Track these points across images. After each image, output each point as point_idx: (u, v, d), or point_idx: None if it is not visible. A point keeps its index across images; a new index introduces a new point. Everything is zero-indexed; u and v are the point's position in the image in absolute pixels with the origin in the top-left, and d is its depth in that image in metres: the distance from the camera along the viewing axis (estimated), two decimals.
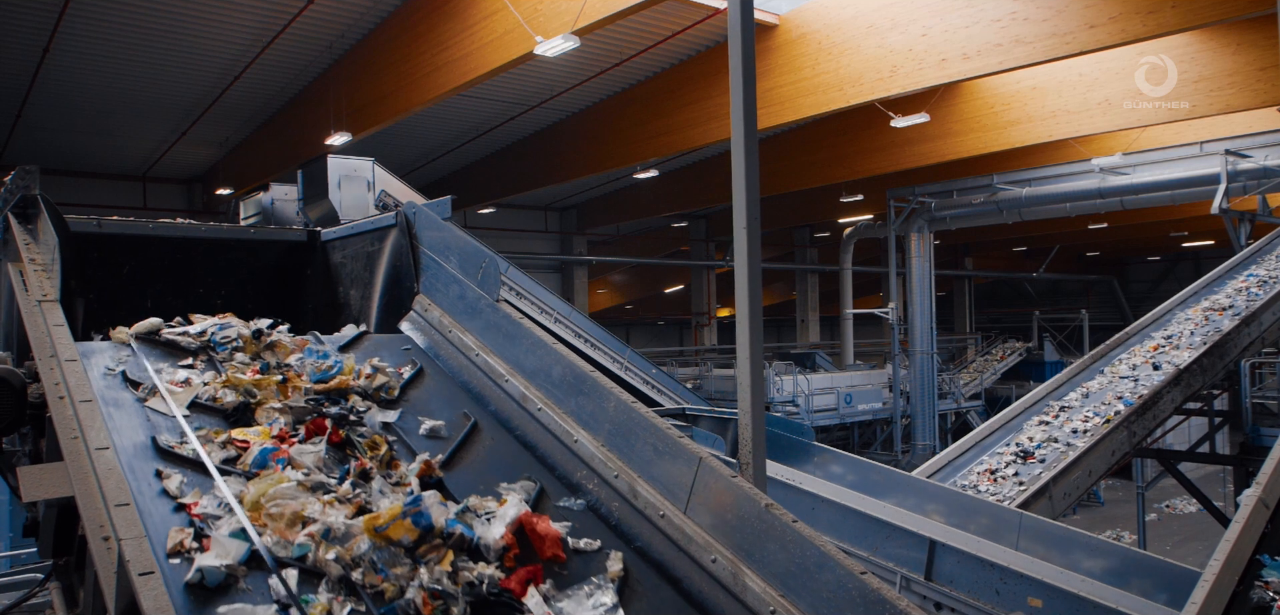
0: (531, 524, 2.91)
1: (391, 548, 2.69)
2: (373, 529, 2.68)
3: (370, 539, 2.66)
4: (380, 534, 2.69)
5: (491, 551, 2.79)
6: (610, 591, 2.72)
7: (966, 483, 9.43)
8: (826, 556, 2.52)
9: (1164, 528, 19.35)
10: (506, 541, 2.84)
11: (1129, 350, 11.69)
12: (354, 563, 2.55)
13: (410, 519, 2.75)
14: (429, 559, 2.68)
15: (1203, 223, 22.23)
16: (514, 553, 2.83)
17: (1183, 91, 12.55)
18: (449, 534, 2.80)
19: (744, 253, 3.69)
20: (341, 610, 2.40)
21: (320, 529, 2.59)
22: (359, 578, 2.51)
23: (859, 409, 20.83)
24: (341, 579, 2.50)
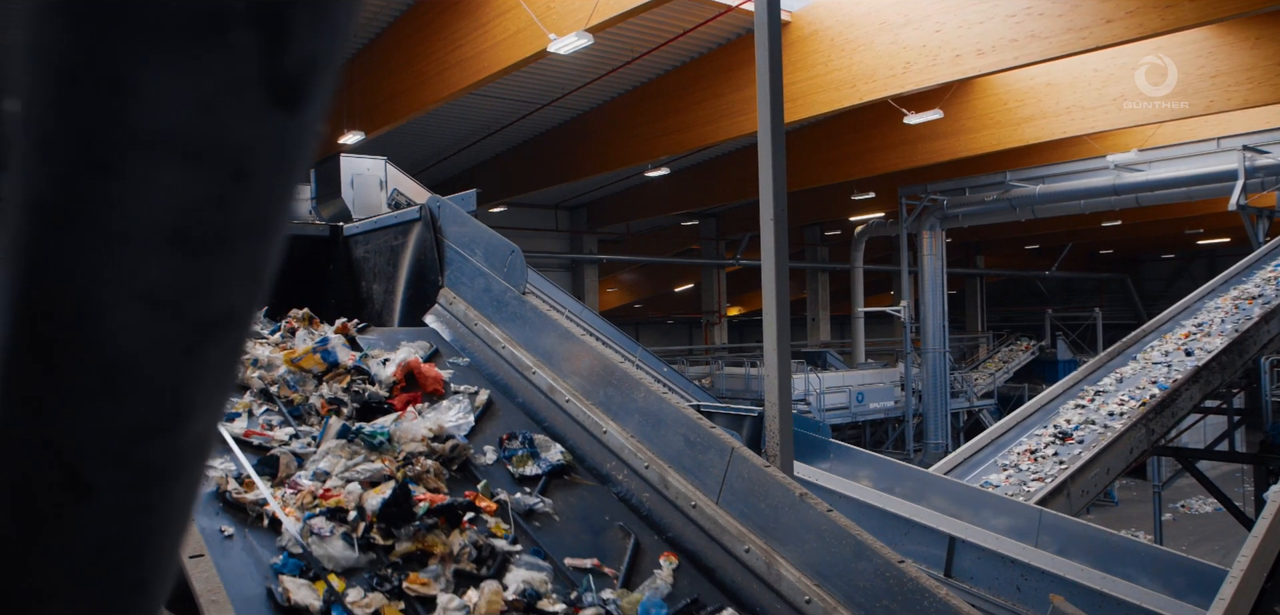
0: (418, 366, 3.75)
1: (303, 373, 3.66)
2: (290, 360, 3.71)
3: (287, 366, 3.68)
4: (295, 364, 3.69)
5: (383, 383, 3.70)
6: (470, 412, 3.53)
7: (1007, 461, 9.58)
8: (864, 546, 2.51)
9: (1179, 527, 19.23)
10: (396, 376, 3.72)
11: (1160, 337, 11.78)
12: (274, 383, 3.57)
13: (319, 354, 3.74)
14: (331, 382, 3.63)
15: (1218, 220, 22.06)
16: (401, 385, 3.68)
17: (1199, 87, 12.46)
18: (353, 369, 3.74)
19: (771, 248, 3.69)
20: (258, 409, 3.44)
21: (250, 357, 3.60)
22: (275, 390, 3.55)
23: (871, 407, 20.78)
24: (262, 391, 3.55)
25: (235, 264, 0.42)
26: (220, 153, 0.39)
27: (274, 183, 0.41)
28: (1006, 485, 9.20)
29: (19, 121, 0.39)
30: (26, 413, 0.42)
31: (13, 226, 0.41)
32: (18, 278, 0.41)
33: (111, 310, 0.40)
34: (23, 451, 0.43)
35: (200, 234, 0.40)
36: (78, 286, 0.40)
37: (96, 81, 0.37)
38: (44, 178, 0.39)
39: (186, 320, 0.42)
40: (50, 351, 0.41)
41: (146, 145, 0.38)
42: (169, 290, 0.41)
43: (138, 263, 0.40)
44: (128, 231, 0.39)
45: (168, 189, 0.39)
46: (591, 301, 24.23)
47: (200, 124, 0.38)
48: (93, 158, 0.38)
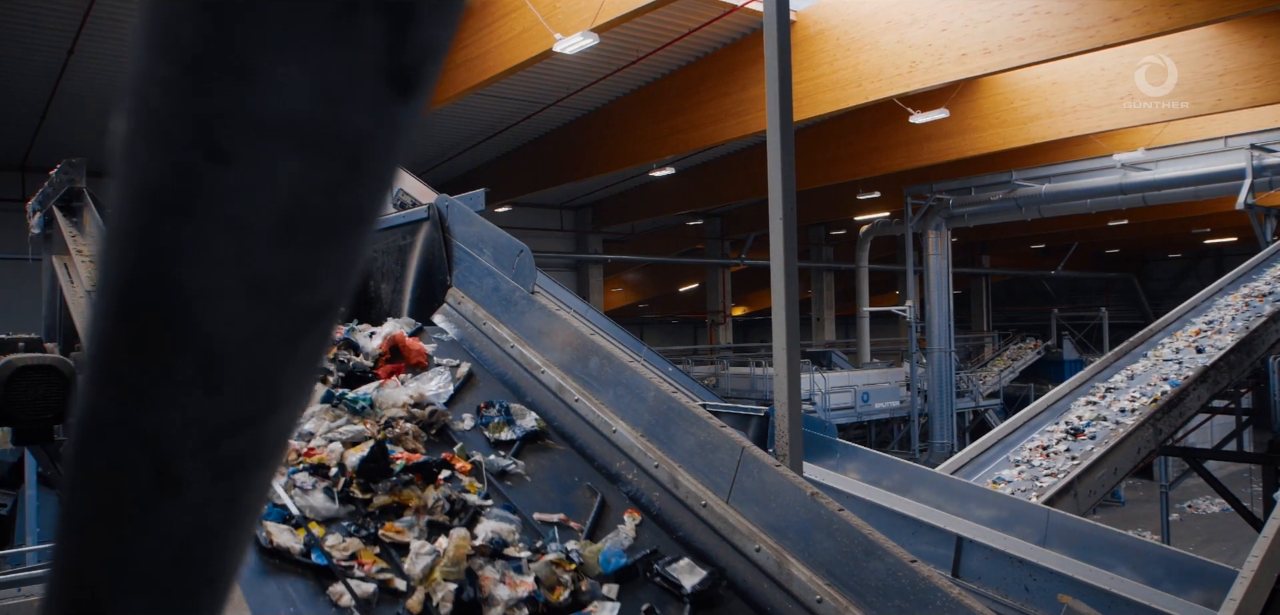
0: (402, 339, 3.90)
1: None
2: None
3: None
4: None
5: (369, 355, 3.85)
6: (450, 383, 3.66)
7: (1019, 457, 9.59)
8: (875, 545, 2.51)
9: (1187, 528, 19.17)
10: (382, 349, 3.87)
11: (1171, 335, 11.78)
12: None
13: None
14: None
15: (1225, 219, 22.00)
16: (386, 356, 3.82)
17: (1206, 85, 12.42)
18: (341, 342, 3.91)
19: (780, 247, 3.68)
20: None
21: None
22: None
23: (876, 407, 20.76)
24: None
25: (337, 254, 0.42)
26: (338, 141, 0.39)
27: (382, 171, 0.41)
28: (1019, 480, 9.21)
29: (131, 110, 0.39)
30: (121, 404, 0.42)
31: (119, 217, 0.41)
32: (122, 268, 0.41)
33: (217, 301, 0.40)
34: (113, 443, 0.43)
35: (310, 223, 0.40)
36: (185, 277, 0.40)
37: (224, 68, 0.37)
38: (158, 166, 0.39)
39: (288, 311, 0.42)
40: (151, 342, 0.41)
41: (268, 133, 0.38)
42: (275, 280, 0.41)
43: (247, 252, 0.40)
44: (240, 221, 0.39)
45: (284, 178, 0.39)
46: (596, 301, 24.24)
47: (321, 112, 0.38)
48: (212, 145, 0.38)
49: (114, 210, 0.41)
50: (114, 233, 0.41)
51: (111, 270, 0.42)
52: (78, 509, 0.45)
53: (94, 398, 0.43)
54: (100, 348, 0.43)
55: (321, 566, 2.57)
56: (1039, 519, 7.30)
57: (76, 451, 0.45)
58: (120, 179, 0.40)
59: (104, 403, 0.43)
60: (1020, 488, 8.98)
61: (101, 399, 0.43)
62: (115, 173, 0.40)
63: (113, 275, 0.42)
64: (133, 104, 0.39)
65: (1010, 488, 9.05)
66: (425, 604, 2.56)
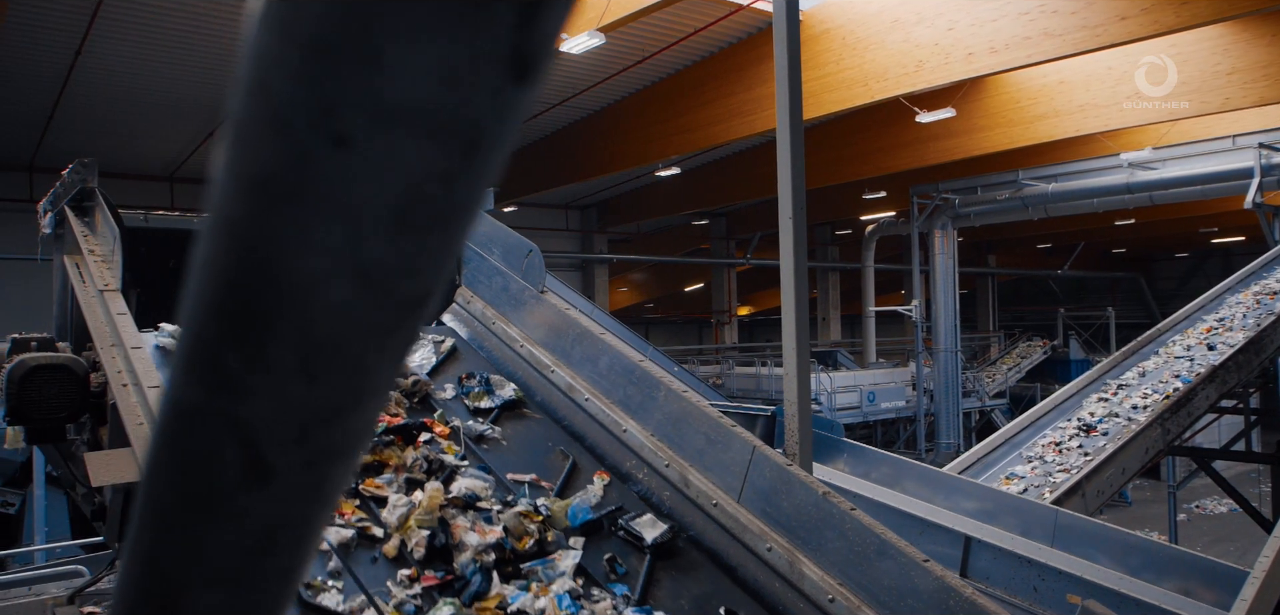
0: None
1: None
2: None
3: None
4: None
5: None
6: (433, 354, 3.80)
7: (1032, 453, 9.61)
8: (888, 544, 2.51)
9: (1194, 528, 19.11)
10: None
11: (1182, 332, 11.77)
12: None
13: None
14: None
15: (1233, 218, 21.91)
16: None
17: (1214, 84, 12.38)
18: None
19: (790, 247, 3.68)
20: None
21: None
22: None
23: (882, 407, 20.72)
24: None
25: (442, 243, 0.42)
26: (458, 128, 0.39)
27: (492, 159, 0.41)
28: (1032, 476, 9.23)
29: (246, 97, 0.39)
30: (215, 392, 0.42)
31: (225, 205, 0.40)
32: (228, 257, 0.40)
33: (323, 290, 0.40)
34: (204, 432, 0.43)
35: (422, 211, 0.40)
36: (292, 265, 0.40)
37: (354, 53, 0.37)
38: (273, 153, 0.39)
39: (391, 300, 0.41)
40: (252, 331, 0.41)
41: (390, 119, 0.38)
42: (382, 269, 0.40)
43: (357, 240, 0.39)
44: (355, 208, 0.39)
45: (403, 164, 0.38)
46: (602, 301, 24.25)
47: (446, 98, 0.38)
48: (335, 131, 0.38)
49: (219, 198, 0.41)
50: (218, 221, 0.41)
51: (214, 258, 0.41)
52: (159, 498, 0.45)
53: (186, 386, 0.43)
54: (196, 336, 0.42)
55: None
56: (1047, 519, 7.28)
57: (162, 440, 0.45)
58: (229, 166, 0.40)
59: (197, 391, 0.43)
60: (1033, 484, 8.99)
61: (194, 387, 0.43)
62: (223, 160, 0.40)
63: (215, 263, 0.41)
64: (249, 91, 0.39)
65: (1023, 483, 9.06)
66: (400, 548, 2.75)
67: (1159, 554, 7.02)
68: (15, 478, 13.08)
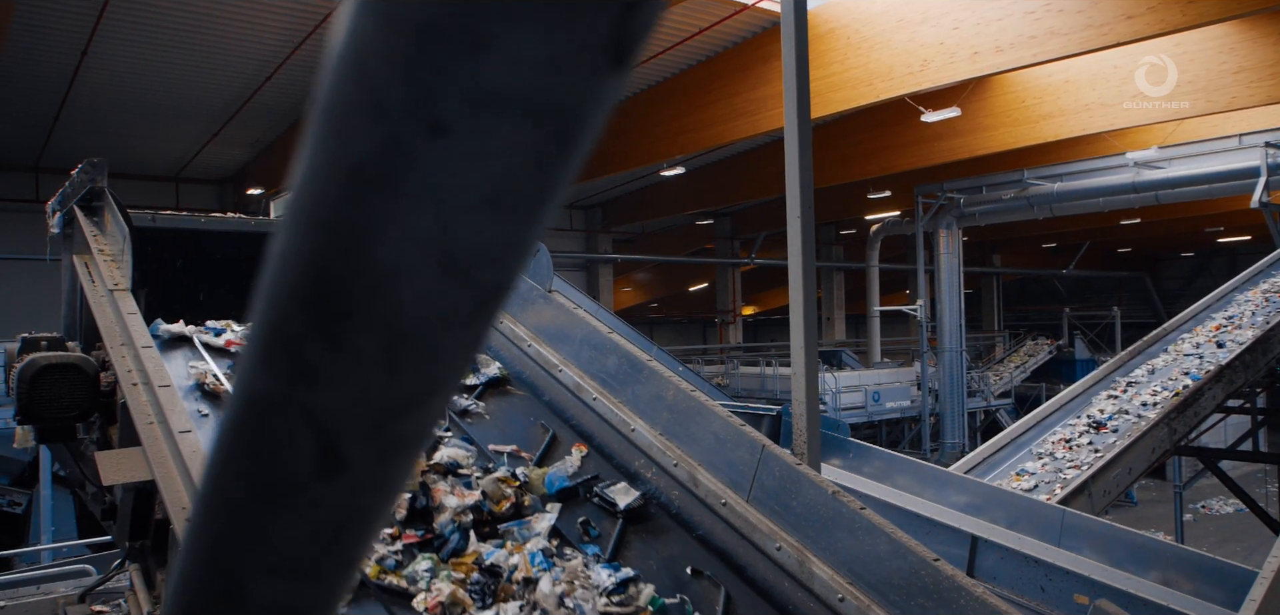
0: None
1: None
2: None
3: None
4: None
5: None
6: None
7: (1042, 450, 9.62)
8: (898, 544, 2.50)
9: (1200, 528, 19.06)
10: None
11: (1191, 330, 11.79)
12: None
13: None
14: None
15: (1239, 217, 21.84)
16: None
17: (1221, 83, 12.33)
18: None
19: (798, 246, 3.67)
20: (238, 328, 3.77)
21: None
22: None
23: (887, 407, 20.70)
24: None
25: (529, 230, 0.41)
26: (556, 114, 0.39)
27: (583, 146, 0.40)
28: (1042, 473, 9.24)
29: (340, 84, 0.38)
30: (296, 384, 0.41)
31: (313, 193, 0.40)
32: (313, 245, 0.40)
33: (409, 278, 0.40)
34: (279, 422, 0.42)
35: (513, 198, 0.40)
36: (380, 253, 0.39)
37: (457, 39, 0.36)
38: (366, 140, 0.38)
39: (475, 289, 0.41)
40: (335, 320, 0.40)
41: (491, 106, 0.37)
42: (468, 258, 0.40)
43: (448, 227, 0.39)
44: (447, 194, 0.38)
45: (499, 151, 0.38)
46: (606, 301, 24.25)
47: (548, 84, 0.38)
48: (433, 117, 0.37)
49: (304, 186, 0.40)
50: (303, 209, 0.40)
51: (297, 247, 0.41)
52: (227, 489, 0.45)
53: (261, 376, 0.43)
54: (274, 326, 0.42)
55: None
56: (1054, 519, 7.27)
57: (234, 431, 0.44)
58: (316, 154, 0.39)
59: (273, 381, 0.42)
60: (1043, 479, 9.01)
61: (270, 377, 0.42)
62: (309, 148, 0.40)
63: (298, 252, 0.41)
64: (344, 77, 0.38)
65: (1033, 479, 9.08)
66: None
67: (1166, 554, 7.00)
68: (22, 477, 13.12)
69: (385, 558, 2.71)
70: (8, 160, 17.98)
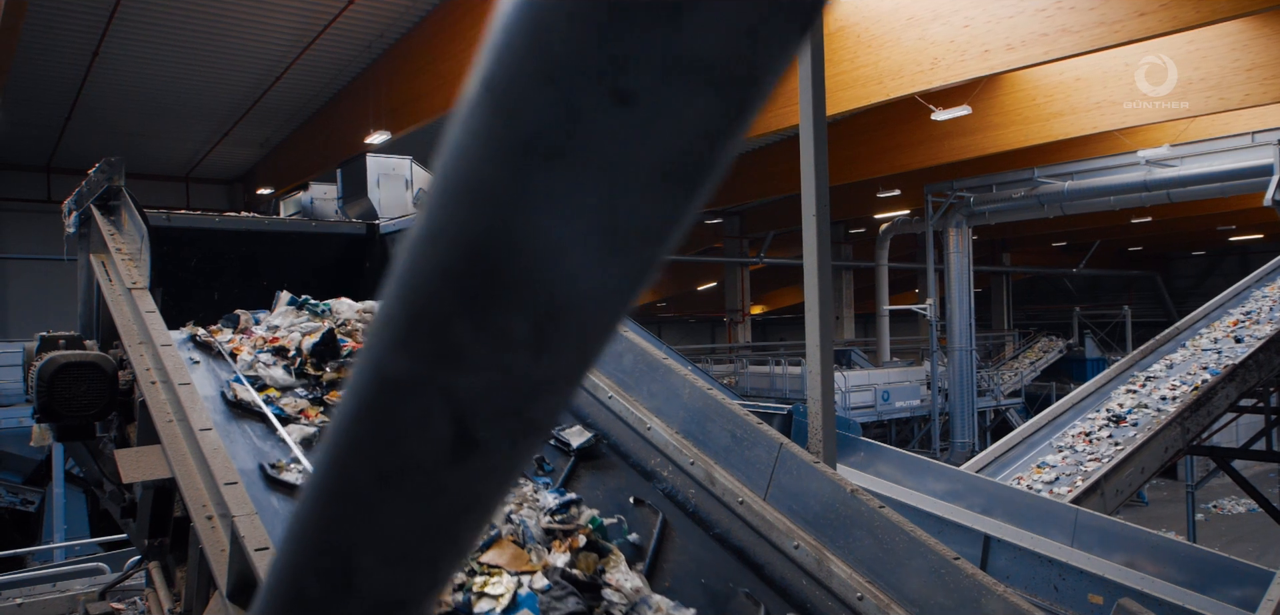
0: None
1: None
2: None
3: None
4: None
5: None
6: None
7: (1062, 443, 9.65)
8: (917, 542, 2.49)
9: (1212, 528, 18.95)
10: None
11: (1209, 325, 11.78)
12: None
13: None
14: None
15: (1251, 216, 21.70)
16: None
17: (1234, 81, 12.25)
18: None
19: (814, 245, 3.66)
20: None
21: None
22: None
23: (897, 406, 20.63)
24: None
25: (692, 204, 0.40)
26: (740, 82, 0.37)
27: (755, 113, 0.39)
28: (1063, 466, 9.27)
29: (513, 54, 0.37)
30: (437, 365, 0.40)
31: (472, 168, 0.39)
32: (468, 222, 0.39)
33: (571, 254, 0.38)
34: (416, 406, 0.41)
35: (685, 169, 0.38)
36: (542, 228, 0.38)
37: (654, 4, 0.35)
38: (540, 109, 0.37)
39: (633, 265, 0.40)
40: (485, 297, 0.39)
41: (682, 73, 0.36)
42: (633, 233, 0.39)
43: (617, 201, 0.38)
44: (622, 168, 0.37)
45: (682, 122, 0.37)
46: None
47: (741, 51, 0.36)
48: (619, 86, 0.36)
49: (458, 161, 0.39)
50: (456, 184, 0.39)
51: (448, 224, 0.39)
52: (348, 473, 0.44)
53: (398, 358, 0.41)
54: (418, 306, 0.41)
55: (276, 415, 3.25)
56: (1067, 518, 7.24)
57: (361, 414, 0.43)
58: (476, 127, 0.38)
59: (412, 363, 0.41)
60: (1064, 472, 9.06)
61: (409, 359, 0.41)
62: (470, 121, 0.39)
63: (449, 229, 0.39)
64: (517, 48, 0.37)
65: (1054, 472, 9.13)
66: None
67: (1180, 553, 6.96)
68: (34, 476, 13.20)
69: None
70: (20, 161, 18.09)
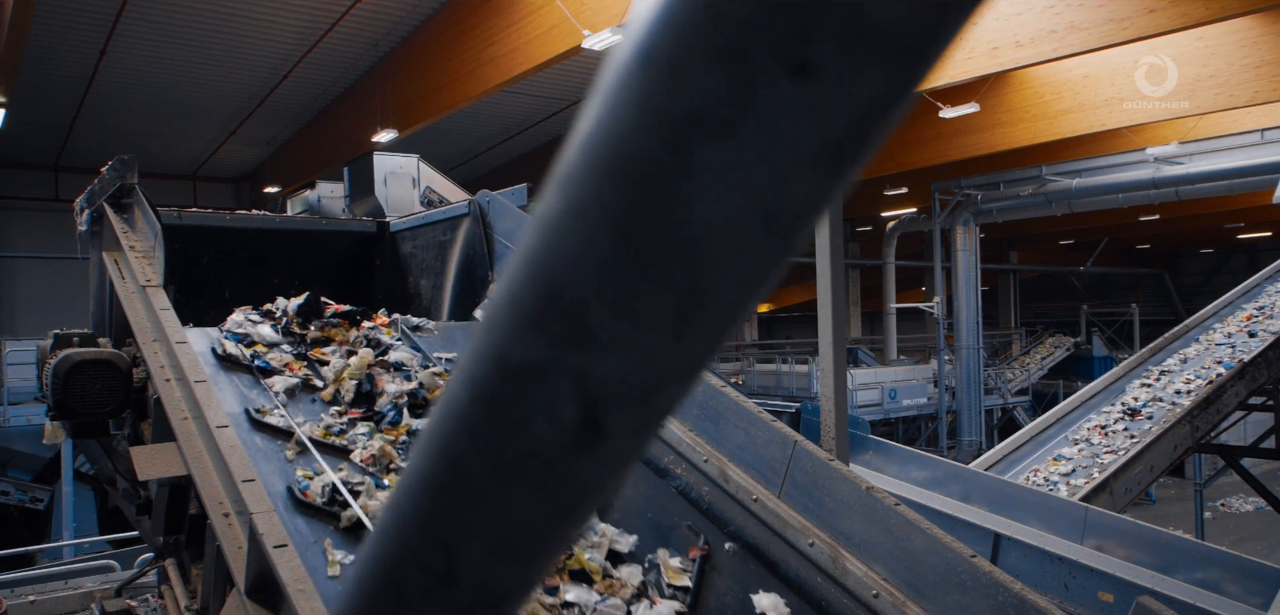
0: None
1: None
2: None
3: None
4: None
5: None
6: None
7: (1078, 436, 9.70)
8: (934, 540, 2.48)
9: (1220, 526, 18.87)
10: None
11: (1222, 320, 11.80)
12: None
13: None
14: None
15: (1260, 213, 21.63)
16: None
17: (1243, 78, 12.19)
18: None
19: (826, 243, 3.65)
20: None
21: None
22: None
23: (904, 404, 20.60)
24: None
25: (847, 182, 0.38)
26: (919, 51, 0.35)
27: (919, 84, 0.37)
28: (1079, 458, 9.31)
29: (685, 28, 0.35)
30: (570, 350, 0.39)
31: (626, 144, 0.37)
32: (617, 201, 0.37)
33: (725, 234, 0.36)
34: (543, 392, 0.40)
35: (850, 147, 0.36)
36: (700, 207, 0.36)
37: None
38: (715, 85, 0.35)
39: (783, 246, 0.38)
40: (632, 281, 0.37)
41: (864, 43, 0.34)
42: (792, 212, 0.37)
43: (782, 179, 0.36)
44: (791, 143, 0.35)
45: (856, 95, 0.35)
46: None
47: (924, 20, 0.34)
48: (797, 58, 0.34)
49: (607, 139, 0.37)
50: (604, 162, 0.37)
51: (592, 203, 0.38)
52: (460, 462, 0.43)
53: (524, 343, 0.40)
54: (552, 289, 0.39)
55: (261, 368, 3.51)
56: (1077, 516, 7.22)
57: (477, 401, 0.42)
58: (630, 103, 0.36)
59: (542, 348, 0.39)
60: (1081, 464, 9.12)
61: (537, 344, 0.39)
62: (618, 98, 0.37)
63: (593, 209, 0.38)
64: (683, 20, 0.35)
65: (1071, 464, 9.16)
66: (335, 394, 3.53)
67: (1190, 551, 6.94)
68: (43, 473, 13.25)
69: (332, 426, 3.27)
70: (28, 160, 18.14)
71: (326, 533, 2.60)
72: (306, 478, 2.80)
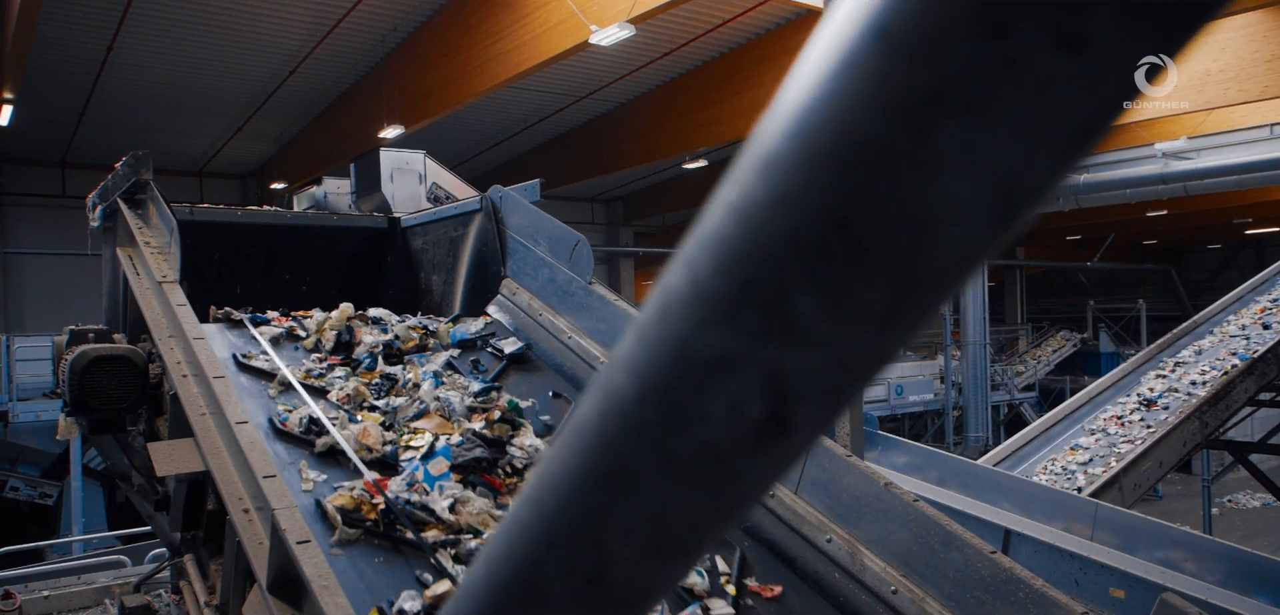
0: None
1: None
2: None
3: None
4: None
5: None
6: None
7: (1094, 426, 9.72)
8: (953, 536, 2.47)
9: (1227, 522, 18.83)
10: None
11: (1236, 313, 11.80)
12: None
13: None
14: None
15: (1269, 208, 21.53)
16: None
17: (1253, 72, 12.14)
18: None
19: None
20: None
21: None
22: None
23: (910, 400, 20.57)
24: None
25: (1079, 161, 0.36)
26: (1186, 23, 0.33)
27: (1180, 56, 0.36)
28: (1096, 448, 9.32)
29: (923, 7, 0.33)
30: (763, 342, 0.37)
31: (847, 126, 0.34)
32: (836, 185, 0.35)
33: (957, 222, 0.34)
34: (729, 386, 0.38)
35: (1100, 126, 0.34)
36: (936, 193, 0.34)
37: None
38: (967, 59, 0.33)
39: (1008, 233, 0.35)
40: (846, 270, 0.35)
41: (1137, 14, 0.32)
42: (1028, 195, 0.35)
43: (1028, 161, 0.34)
44: (1045, 124, 0.33)
45: (1125, 71, 0.33)
46: (627, 294, 24.22)
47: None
48: (1069, 31, 0.32)
49: (830, 121, 0.35)
50: (824, 146, 0.35)
51: (805, 188, 0.36)
52: (626, 458, 0.41)
53: (711, 334, 0.38)
54: (747, 277, 0.37)
55: (251, 320, 3.81)
56: (1087, 512, 7.19)
57: (648, 395, 0.40)
58: (861, 83, 0.34)
59: (730, 339, 0.37)
60: (1098, 453, 9.13)
61: (727, 335, 0.37)
62: (845, 77, 0.35)
63: (806, 194, 0.35)
64: (920, 14, 0.33)
65: (1088, 453, 9.18)
66: (316, 344, 3.84)
67: (1201, 547, 6.91)
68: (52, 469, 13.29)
69: (312, 369, 3.56)
70: (35, 157, 18.18)
71: (302, 456, 2.83)
72: (286, 411, 3.08)
